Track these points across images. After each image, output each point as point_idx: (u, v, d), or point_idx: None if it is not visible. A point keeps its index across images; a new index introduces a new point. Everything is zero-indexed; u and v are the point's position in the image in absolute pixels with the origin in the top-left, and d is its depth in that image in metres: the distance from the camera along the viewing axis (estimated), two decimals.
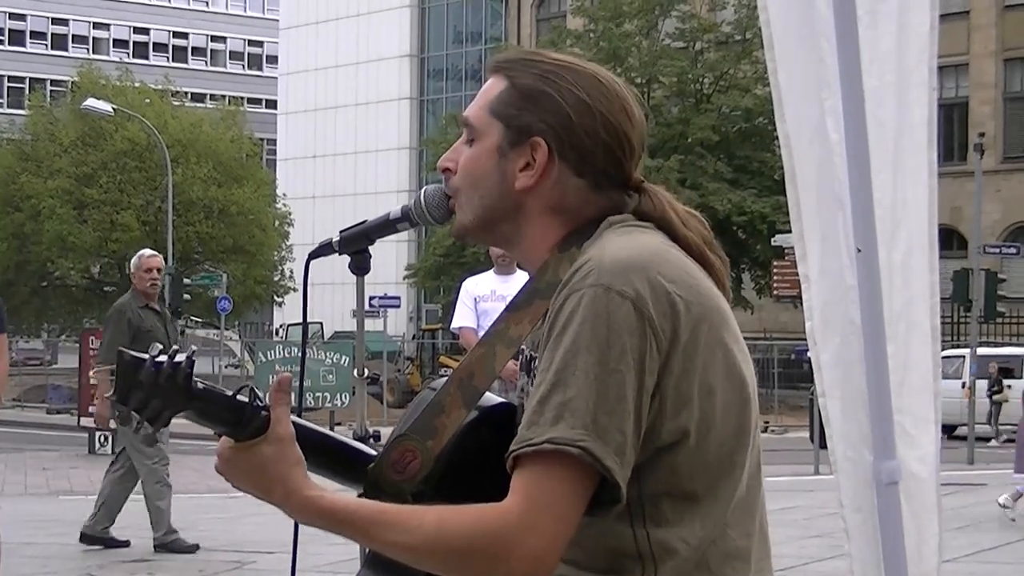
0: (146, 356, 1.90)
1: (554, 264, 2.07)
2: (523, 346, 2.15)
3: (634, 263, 1.95)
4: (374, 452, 2.11)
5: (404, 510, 1.94)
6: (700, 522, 1.96)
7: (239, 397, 1.95)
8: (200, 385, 1.92)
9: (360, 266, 2.29)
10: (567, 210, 2.09)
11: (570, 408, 1.89)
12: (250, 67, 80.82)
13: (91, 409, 18.45)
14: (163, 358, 1.89)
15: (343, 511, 1.95)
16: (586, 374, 1.90)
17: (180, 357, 1.90)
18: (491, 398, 2.13)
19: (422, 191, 2.19)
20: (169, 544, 10.10)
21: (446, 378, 2.11)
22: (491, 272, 9.50)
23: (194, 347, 2.00)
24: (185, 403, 1.91)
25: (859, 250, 2.89)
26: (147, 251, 10.72)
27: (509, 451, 1.92)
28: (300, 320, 2.35)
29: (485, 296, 9.30)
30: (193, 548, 10.09)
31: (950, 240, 39.16)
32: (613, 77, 2.13)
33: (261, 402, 1.95)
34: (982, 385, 24.86)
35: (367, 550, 2.13)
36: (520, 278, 9.20)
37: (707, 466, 1.97)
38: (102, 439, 22.13)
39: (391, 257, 51.10)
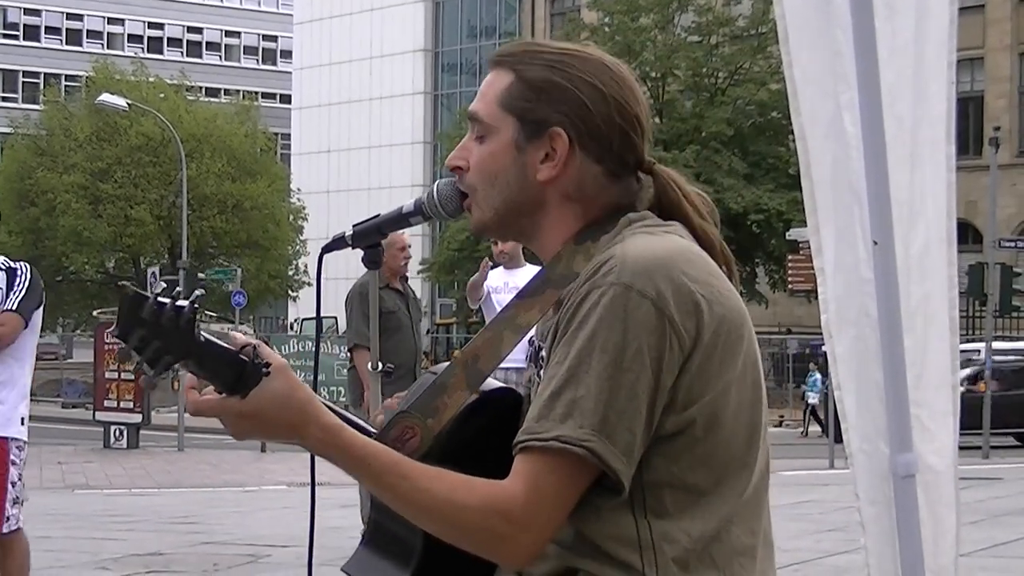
0: (149, 294, 1.83)
1: (567, 255, 2.07)
2: (531, 336, 2.15)
3: (657, 262, 1.94)
4: (373, 430, 2.10)
5: (419, 467, 1.95)
6: (703, 517, 1.96)
7: (241, 356, 1.90)
8: (203, 337, 1.86)
9: (373, 260, 2.28)
10: (584, 198, 2.08)
11: (580, 407, 1.90)
12: (264, 62, 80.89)
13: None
14: (167, 300, 1.82)
15: (362, 450, 1.94)
16: (599, 372, 1.90)
17: (183, 302, 1.84)
18: (493, 383, 2.14)
19: (435, 185, 2.19)
20: None
21: (448, 363, 2.11)
22: (500, 267, 9.56)
23: (200, 291, 1.91)
24: (186, 350, 1.84)
25: (875, 243, 2.87)
26: None
27: (516, 440, 1.94)
28: (314, 315, 2.33)
29: (499, 288, 9.35)
30: None
31: (965, 234, 39.06)
32: (616, 60, 2.13)
33: (262, 361, 1.91)
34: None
35: (367, 531, 2.16)
36: (529, 270, 9.24)
37: (712, 461, 1.97)
38: (117, 433, 22.18)
39: None
